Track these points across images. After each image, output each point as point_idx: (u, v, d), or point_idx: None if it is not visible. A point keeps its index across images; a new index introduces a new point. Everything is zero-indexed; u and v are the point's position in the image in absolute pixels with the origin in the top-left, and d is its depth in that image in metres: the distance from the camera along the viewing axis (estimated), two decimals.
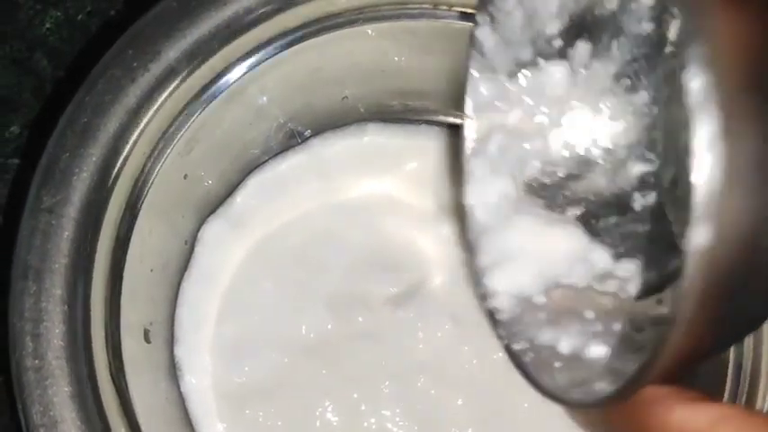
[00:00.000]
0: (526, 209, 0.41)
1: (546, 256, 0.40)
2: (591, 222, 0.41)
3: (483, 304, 0.40)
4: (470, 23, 0.47)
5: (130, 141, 0.44)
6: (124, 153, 0.43)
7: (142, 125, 0.44)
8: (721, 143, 0.26)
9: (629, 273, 0.38)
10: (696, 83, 0.26)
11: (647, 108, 0.40)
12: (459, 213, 0.53)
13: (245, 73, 0.47)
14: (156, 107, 0.44)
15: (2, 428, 0.51)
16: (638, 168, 0.41)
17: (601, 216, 0.41)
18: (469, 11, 0.47)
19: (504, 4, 0.39)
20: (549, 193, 0.42)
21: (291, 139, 0.54)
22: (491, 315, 0.40)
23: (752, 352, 0.44)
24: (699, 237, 0.26)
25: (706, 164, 0.26)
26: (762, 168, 0.27)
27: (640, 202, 0.40)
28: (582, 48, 0.40)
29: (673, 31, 0.37)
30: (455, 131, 0.55)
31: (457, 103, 0.54)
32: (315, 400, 0.50)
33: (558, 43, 0.40)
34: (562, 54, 0.40)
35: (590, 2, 0.39)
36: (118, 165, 0.43)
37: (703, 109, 0.26)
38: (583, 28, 0.40)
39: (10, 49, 0.57)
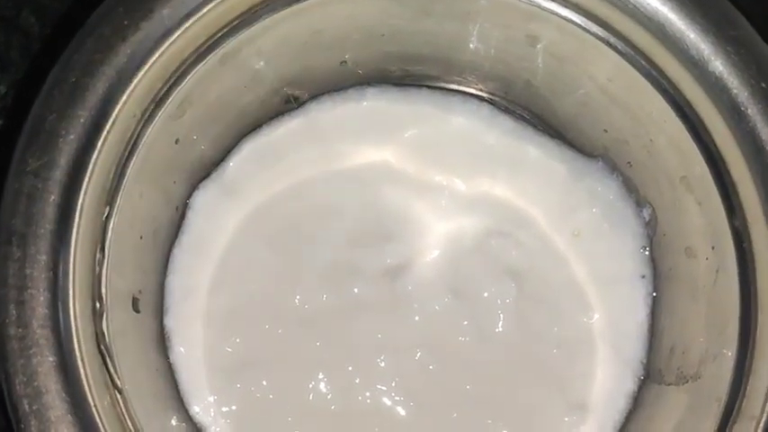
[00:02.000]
0: None
1: None
2: None
3: None
4: None
5: (120, 103, 0.42)
6: (113, 115, 0.41)
7: (132, 86, 0.42)
8: None
9: None
10: None
11: None
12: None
13: (241, 33, 0.45)
14: (147, 67, 0.42)
15: None
16: None
17: None
18: None
19: None
20: None
21: (288, 104, 0.52)
22: None
23: (753, 354, 0.42)
24: None
25: None
26: None
27: None
28: None
29: None
30: (456, 97, 0.53)
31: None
32: (308, 373, 0.49)
33: None
34: None
35: None
36: (107, 127, 0.41)
37: None
38: None
39: None
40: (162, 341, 0.49)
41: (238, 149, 0.52)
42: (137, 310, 0.46)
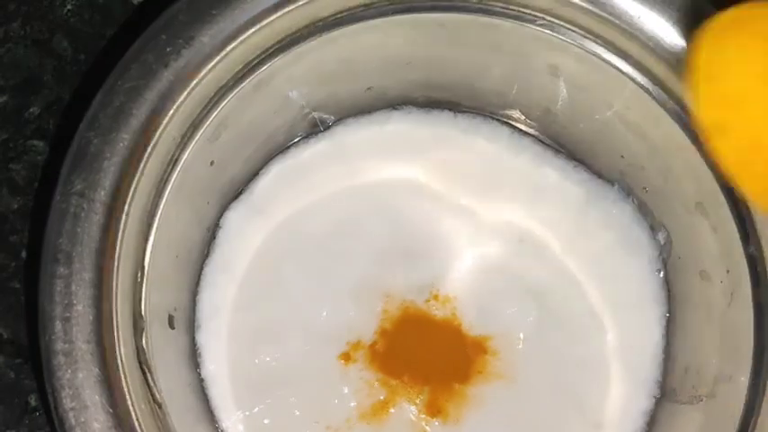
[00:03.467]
0: None
1: None
2: None
3: None
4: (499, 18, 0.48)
5: (161, 126, 0.43)
6: (155, 138, 0.43)
7: (173, 110, 0.43)
8: None
9: None
10: None
11: None
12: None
13: (275, 61, 0.46)
14: (187, 93, 0.44)
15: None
16: None
17: None
18: (498, 6, 0.47)
19: None
20: None
21: (315, 127, 0.54)
22: None
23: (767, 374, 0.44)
24: None
25: None
26: None
27: None
28: None
29: None
30: (477, 120, 0.55)
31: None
32: (334, 390, 0.50)
33: None
34: None
35: None
36: (148, 150, 0.43)
37: None
38: None
39: (31, 30, 0.56)
40: (194, 357, 0.50)
41: (267, 171, 0.53)
42: (172, 327, 0.48)
